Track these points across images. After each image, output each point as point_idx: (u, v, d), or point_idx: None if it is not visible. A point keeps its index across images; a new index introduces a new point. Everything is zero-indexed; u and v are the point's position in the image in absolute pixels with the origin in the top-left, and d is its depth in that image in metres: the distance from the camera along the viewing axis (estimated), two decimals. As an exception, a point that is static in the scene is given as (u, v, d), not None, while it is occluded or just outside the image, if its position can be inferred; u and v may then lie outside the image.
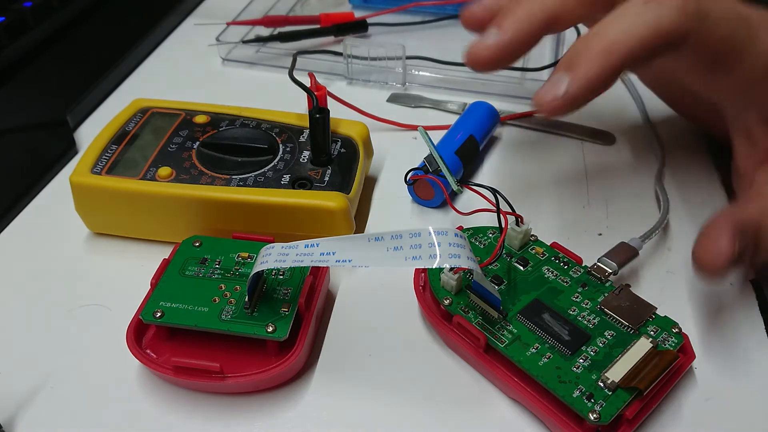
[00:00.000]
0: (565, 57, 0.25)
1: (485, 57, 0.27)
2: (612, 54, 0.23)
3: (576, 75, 0.24)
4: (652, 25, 0.24)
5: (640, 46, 0.24)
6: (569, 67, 0.24)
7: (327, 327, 0.28)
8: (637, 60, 0.24)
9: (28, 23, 0.45)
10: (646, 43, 0.24)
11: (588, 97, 0.24)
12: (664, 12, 0.24)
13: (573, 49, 0.25)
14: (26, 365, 0.27)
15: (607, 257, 0.28)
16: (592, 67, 0.24)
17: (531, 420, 0.25)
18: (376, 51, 0.42)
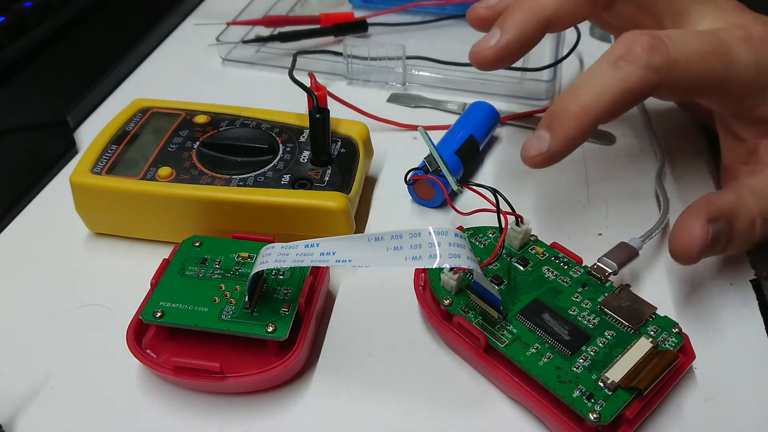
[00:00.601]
0: (546, 115, 0.27)
1: (489, 57, 0.29)
2: (586, 115, 0.26)
3: (555, 134, 0.26)
4: (621, 84, 0.26)
5: (612, 105, 0.26)
6: (550, 126, 0.26)
7: (327, 327, 0.28)
8: (610, 116, 0.26)
9: (28, 23, 0.45)
10: (617, 101, 0.26)
11: (567, 152, 0.26)
12: (632, 71, 0.26)
13: (553, 108, 0.27)
14: (26, 365, 0.27)
15: (607, 257, 0.28)
16: (569, 127, 0.26)
17: (531, 420, 0.25)
18: (376, 51, 0.42)
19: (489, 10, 0.32)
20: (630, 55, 0.26)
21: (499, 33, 0.29)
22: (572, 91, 0.27)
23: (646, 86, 0.26)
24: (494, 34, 0.29)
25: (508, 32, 0.29)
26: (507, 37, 0.29)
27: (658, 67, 0.25)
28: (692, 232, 0.25)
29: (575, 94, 0.26)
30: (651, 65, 0.25)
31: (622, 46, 0.26)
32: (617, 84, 0.26)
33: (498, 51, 0.29)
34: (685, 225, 0.26)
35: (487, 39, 0.29)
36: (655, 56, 0.25)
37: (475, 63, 0.30)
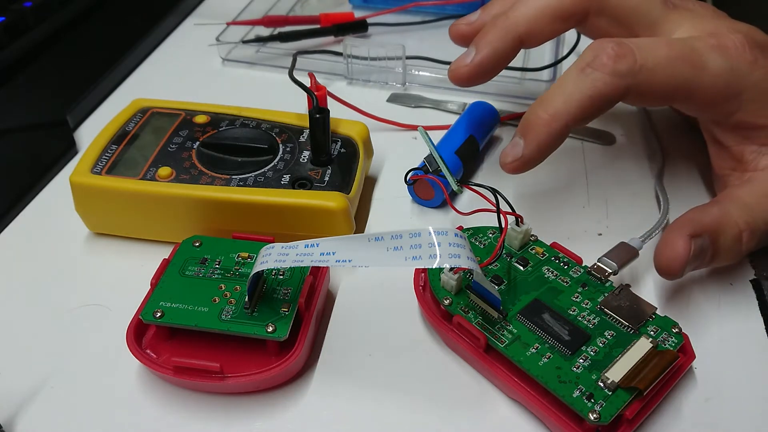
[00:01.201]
0: (520, 122, 0.28)
1: (464, 74, 0.31)
2: (556, 121, 0.27)
3: (528, 141, 0.27)
4: (588, 91, 0.26)
5: (581, 110, 0.26)
6: (523, 133, 0.27)
7: (327, 327, 0.28)
8: (580, 121, 0.27)
9: (28, 23, 0.45)
10: (586, 107, 0.26)
11: (541, 157, 0.27)
12: (598, 77, 0.26)
13: (526, 115, 0.28)
14: (26, 365, 0.27)
15: (607, 257, 0.28)
16: (540, 133, 0.27)
17: (531, 420, 0.25)
18: (376, 51, 0.42)
19: (469, 26, 0.33)
20: (596, 62, 0.26)
21: (474, 51, 0.30)
22: (543, 99, 0.27)
23: (613, 92, 0.26)
24: (470, 52, 0.31)
25: (483, 50, 0.30)
26: (481, 55, 0.30)
27: (624, 73, 0.26)
28: (675, 248, 0.26)
29: (546, 101, 0.27)
30: (617, 72, 0.26)
31: (590, 54, 0.27)
32: (584, 90, 0.26)
33: (473, 68, 0.30)
34: (668, 241, 0.26)
35: (464, 57, 0.31)
36: (621, 63, 0.26)
37: (453, 80, 0.31)
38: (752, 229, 0.27)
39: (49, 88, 0.42)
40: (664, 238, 0.27)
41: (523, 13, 0.30)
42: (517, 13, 0.30)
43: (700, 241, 0.26)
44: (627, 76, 0.26)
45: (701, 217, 0.27)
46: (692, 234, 0.26)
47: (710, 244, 0.27)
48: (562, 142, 0.27)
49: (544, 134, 0.27)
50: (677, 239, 0.26)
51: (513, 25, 0.30)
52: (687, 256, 0.26)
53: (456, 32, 0.34)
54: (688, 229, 0.26)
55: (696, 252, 0.26)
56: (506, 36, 0.30)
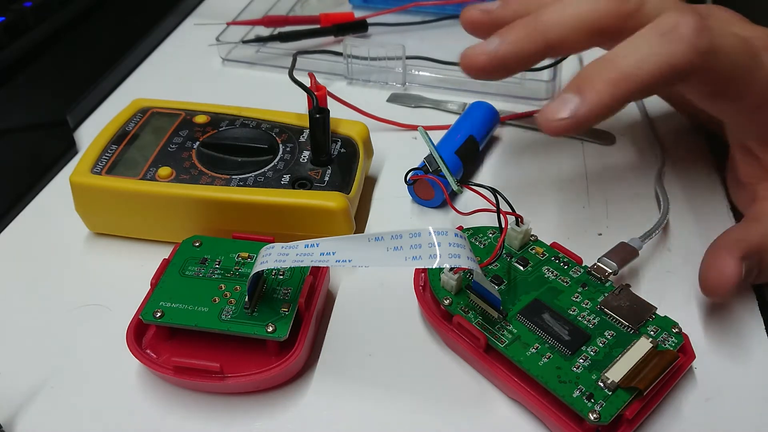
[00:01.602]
0: (576, 78, 0.25)
1: (481, 63, 0.27)
2: (623, 84, 0.24)
3: (585, 99, 0.24)
4: (665, 60, 0.24)
5: (651, 79, 0.24)
6: (579, 89, 0.24)
7: (327, 327, 0.28)
8: (645, 91, 0.24)
9: (28, 23, 0.45)
10: (657, 77, 0.24)
11: (594, 121, 0.24)
12: (678, 48, 0.24)
13: (585, 72, 0.25)
14: (26, 365, 0.27)
15: (607, 257, 0.28)
16: (602, 94, 0.24)
17: (531, 420, 0.25)
18: (376, 51, 0.42)
19: (485, 14, 0.30)
20: (677, 32, 0.24)
21: (498, 42, 0.27)
22: (610, 58, 0.25)
23: (688, 66, 0.24)
24: (492, 41, 0.27)
25: (508, 45, 0.27)
26: (506, 49, 0.27)
27: (703, 50, 0.24)
28: (726, 270, 0.25)
29: (614, 60, 0.25)
30: (698, 47, 0.24)
31: (670, 22, 0.25)
32: (661, 59, 0.24)
33: (492, 59, 0.27)
34: (717, 263, 0.26)
35: (484, 45, 0.27)
36: (702, 38, 0.24)
37: (465, 67, 0.28)
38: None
39: (49, 88, 0.42)
40: (711, 260, 0.26)
41: (557, 19, 0.27)
42: (552, 17, 0.27)
43: (749, 262, 0.26)
44: (704, 55, 0.24)
45: (748, 237, 0.26)
46: (742, 256, 0.25)
47: (757, 265, 0.26)
48: (619, 110, 0.25)
49: (607, 96, 0.24)
50: (727, 261, 0.25)
51: (544, 29, 0.27)
52: (738, 277, 0.25)
53: (469, 18, 0.30)
54: (738, 251, 0.26)
55: (746, 273, 0.26)
56: (537, 39, 0.27)
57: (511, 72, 0.28)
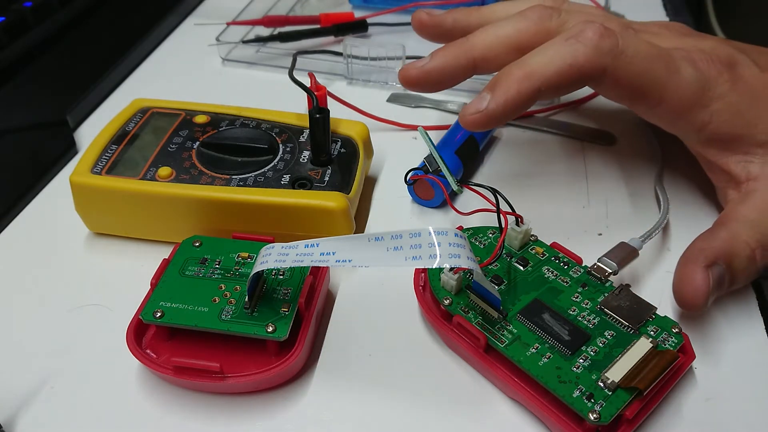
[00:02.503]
0: (491, 80, 0.28)
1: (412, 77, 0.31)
2: (528, 80, 0.27)
3: (495, 95, 0.27)
4: (568, 59, 0.27)
5: (556, 76, 0.27)
6: (492, 88, 0.27)
7: (327, 327, 0.28)
8: (552, 88, 0.27)
9: (28, 23, 0.45)
10: (561, 74, 0.27)
11: (505, 115, 0.27)
12: (580, 48, 0.27)
13: (498, 73, 0.28)
14: (26, 365, 0.27)
15: (607, 257, 0.28)
16: (509, 89, 0.27)
17: (531, 420, 0.25)
18: (376, 51, 0.42)
19: (430, 18, 0.34)
20: (582, 36, 0.27)
21: (428, 59, 0.31)
22: (521, 59, 0.28)
23: (591, 67, 0.27)
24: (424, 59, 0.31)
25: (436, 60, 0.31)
26: (432, 64, 0.31)
27: (606, 51, 0.27)
28: (694, 282, 0.26)
29: (523, 61, 0.27)
30: (600, 48, 0.27)
31: (577, 28, 0.27)
32: (565, 58, 0.27)
33: (420, 73, 0.31)
34: (685, 275, 0.26)
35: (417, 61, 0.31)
36: (605, 41, 0.27)
37: (401, 80, 0.32)
38: (763, 246, 0.27)
39: (49, 88, 0.42)
40: (679, 274, 0.26)
41: (482, 38, 0.30)
42: (477, 38, 0.30)
43: (717, 269, 0.26)
44: (607, 56, 0.27)
45: (711, 244, 0.27)
46: (707, 264, 0.26)
47: (727, 271, 0.26)
48: (529, 106, 0.27)
49: (513, 91, 0.27)
50: (695, 273, 0.26)
51: (470, 47, 0.30)
52: (708, 287, 0.25)
53: (417, 19, 0.34)
54: (702, 259, 0.26)
55: (716, 281, 0.26)
56: (461, 55, 0.30)
57: (441, 86, 0.32)
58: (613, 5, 0.50)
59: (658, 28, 0.32)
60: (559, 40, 0.27)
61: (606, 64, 0.27)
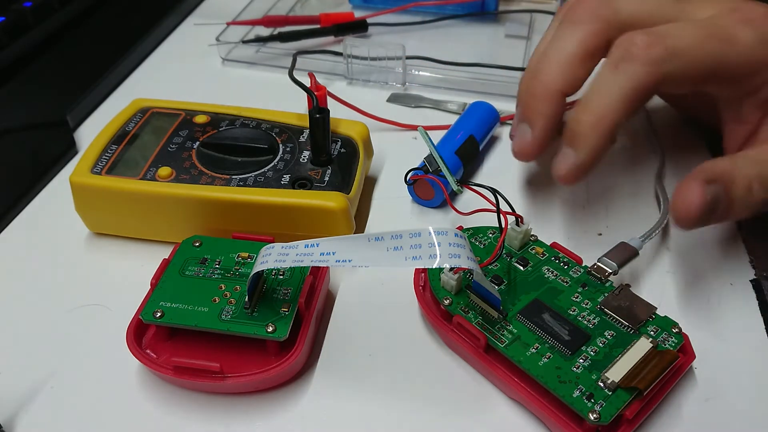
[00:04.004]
0: (565, 132, 0.28)
1: (532, 152, 0.30)
2: (602, 125, 0.26)
3: (579, 149, 0.27)
4: (628, 86, 0.26)
5: (625, 108, 0.26)
6: (572, 142, 0.27)
7: (327, 327, 0.28)
8: (626, 117, 0.27)
9: (28, 23, 0.45)
10: (629, 102, 0.26)
11: (595, 162, 0.27)
12: (635, 69, 0.26)
13: (569, 125, 0.28)
14: (26, 365, 0.27)
15: (607, 257, 0.28)
16: (589, 140, 0.27)
17: (531, 420, 0.25)
18: (376, 51, 0.42)
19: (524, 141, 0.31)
20: (628, 55, 0.26)
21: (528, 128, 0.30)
22: (583, 103, 0.27)
23: (652, 81, 0.26)
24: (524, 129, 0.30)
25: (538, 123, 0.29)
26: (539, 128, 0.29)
27: (659, 59, 0.26)
28: (690, 195, 0.26)
29: (586, 105, 0.27)
30: (652, 59, 0.26)
31: (620, 50, 0.27)
32: (624, 86, 0.26)
33: (537, 143, 0.30)
34: (683, 190, 0.26)
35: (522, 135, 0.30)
36: (654, 50, 0.26)
37: (521, 159, 0.31)
38: (762, 180, 0.27)
39: (49, 88, 0.42)
40: (678, 188, 0.26)
41: (552, 69, 0.29)
42: (546, 71, 0.29)
43: (713, 188, 0.26)
44: (662, 63, 0.26)
45: (712, 166, 0.27)
46: (706, 180, 0.26)
47: (724, 194, 0.26)
48: (613, 142, 0.27)
49: (593, 139, 0.27)
50: (692, 186, 0.26)
51: (551, 85, 0.29)
52: (703, 201, 0.25)
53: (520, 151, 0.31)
54: (702, 175, 0.26)
55: (711, 199, 0.26)
56: (550, 99, 0.29)
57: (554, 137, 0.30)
58: (613, 5, 0.50)
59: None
60: (608, 69, 0.27)
61: (665, 71, 0.26)
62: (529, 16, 0.49)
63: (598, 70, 0.27)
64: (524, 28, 0.48)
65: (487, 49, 0.46)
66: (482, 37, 0.48)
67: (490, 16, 0.49)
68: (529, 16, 0.49)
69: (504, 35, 0.48)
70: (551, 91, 0.29)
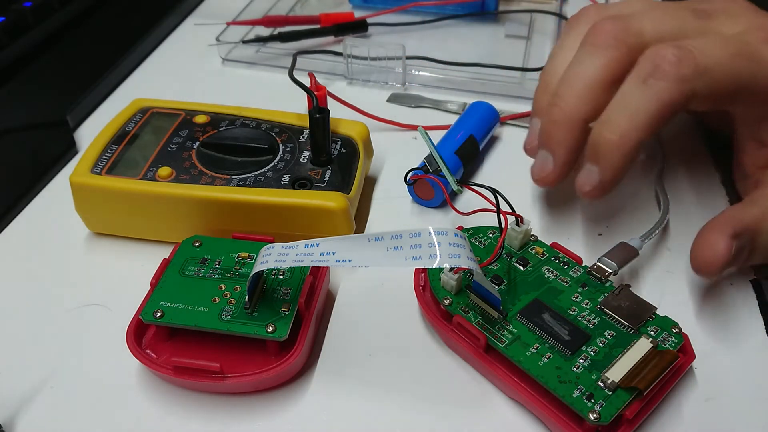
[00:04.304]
0: (589, 148, 0.27)
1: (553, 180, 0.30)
2: (627, 143, 0.26)
3: (602, 167, 0.27)
4: (655, 103, 0.25)
5: (650, 125, 0.25)
6: (595, 159, 0.27)
7: (327, 327, 0.28)
8: (650, 135, 0.26)
9: (28, 23, 0.45)
10: (656, 121, 0.25)
11: (619, 180, 0.27)
12: (663, 86, 0.25)
13: (593, 140, 0.27)
14: (26, 365, 0.27)
15: (607, 257, 0.28)
16: (614, 158, 0.26)
17: (531, 420, 0.25)
18: (376, 51, 0.42)
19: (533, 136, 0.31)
20: (659, 71, 0.25)
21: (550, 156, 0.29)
22: (607, 119, 0.26)
23: (681, 99, 0.25)
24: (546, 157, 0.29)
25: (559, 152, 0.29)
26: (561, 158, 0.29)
27: (689, 77, 0.25)
28: (715, 248, 0.25)
29: (610, 121, 0.26)
30: (682, 77, 0.25)
31: (649, 64, 0.26)
32: (651, 103, 0.25)
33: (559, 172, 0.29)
34: (708, 240, 0.26)
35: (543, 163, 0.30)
36: (685, 67, 0.25)
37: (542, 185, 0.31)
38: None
39: (49, 88, 0.42)
40: (702, 237, 0.26)
41: (574, 96, 0.28)
42: (568, 99, 0.28)
43: (740, 241, 0.26)
44: (692, 80, 0.25)
45: (742, 216, 0.26)
46: (734, 234, 0.25)
47: (749, 243, 0.26)
48: (636, 159, 0.27)
49: (618, 157, 0.26)
50: (718, 239, 0.25)
51: (574, 114, 0.28)
52: (728, 256, 0.25)
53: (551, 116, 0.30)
54: (729, 228, 0.26)
55: (736, 251, 0.26)
56: (573, 129, 0.28)
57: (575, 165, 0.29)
58: (613, 5, 0.50)
59: (723, 2, 0.29)
60: (637, 83, 0.26)
61: (694, 89, 0.25)
62: (529, 16, 0.49)
63: (625, 83, 0.26)
64: (524, 28, 0.48)
65: (487, 49, 0.46)
66: (482, 37, 0.48)
67: (490, 16, 0.49)
68: (529, 16, 0.49)
69: (504, 35, 0.48)
70: (574, 121, 0.28)
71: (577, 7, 0.50)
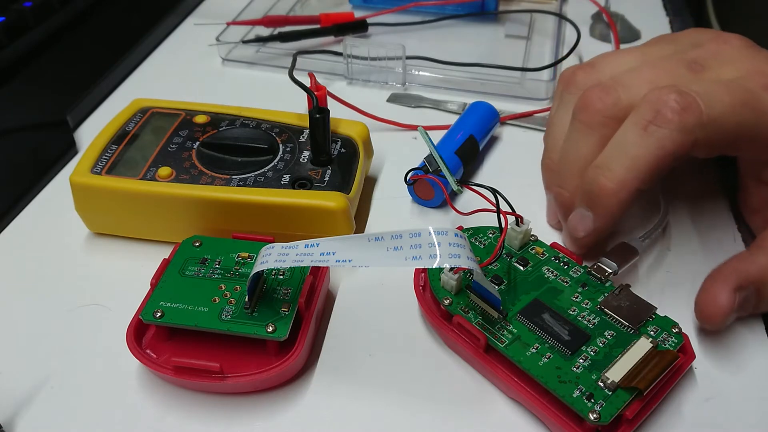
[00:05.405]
0: (584, 193, 0.26)
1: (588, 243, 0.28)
2: (624, 190, 0.25)
3: (598, 214, 0.26)
4: (655, 151, 0.25)
5: (649, 174, 0.25)
6: (591, 205, 0.27)
7: (327, 327, 0.28)
8: (649, 184, 0.25)
9: (28, 23, 0.45)
10: (654, 169, 0.25)
11: (613, 226, 0.27)
12: (665, 134, 0.24)
13: (589, 185, 0.26)
14: (26, 365, 0.27)
15: (607, 257, 0.28)
16: (610, 205, 0.26)
17: (531, 420, 0.25)
18: (376, 51, 0.42)
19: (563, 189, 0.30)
20: (660, 118, 0.24)
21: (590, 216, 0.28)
22: (604, 164, 0.26)
23: (683, 149, 0.25)
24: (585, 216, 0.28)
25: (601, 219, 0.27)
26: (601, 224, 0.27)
27: (692, 127, 0.24)
28: (718, 300, 0.25)
29: (608, 167, 0.25)
30: (685, 127, 0.24)
31: (650, 110, 0.25)
32: (651, 151, 0.25)
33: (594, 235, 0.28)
34: (710, 292, 0.25)
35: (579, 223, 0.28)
36: (688, 116, 0.24)
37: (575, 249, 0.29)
38: None
39: (49, 88, 0.42)
40: (706, 289, 0.26)
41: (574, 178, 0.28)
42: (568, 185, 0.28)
43: (744, 292, 0.25)
44: (695, 130, 0.24)
45: (747, 268, 0.26)
46: (737, 287, 0.25)
47: (754, 295, 0.26)
48: (633, 205, 0.26)
49: (614, 205, 0.26)
50: (720, 292, 0.25)
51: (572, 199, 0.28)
52: (731, 309, 0.25)
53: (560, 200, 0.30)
54: (733, 281, 0.25)
55: (740, 303, 0.25)
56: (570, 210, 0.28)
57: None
58: (613, 5, 0.50)
59: (716, 45, 0.28)
60: (636, 130, 0.25)
61: (696, 138, 0.24)
62: (529, 16, 0.49)
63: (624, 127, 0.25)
64: (524, 28, 0.48)
65: (487, 49, 0.46)
66: (482, 37, 0.48)
67: (490, 16, 0.50)
68: (529, 16, 0.49)
69: (504, 35, 0.48)
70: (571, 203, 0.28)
71: (577, 7, 0.50)
